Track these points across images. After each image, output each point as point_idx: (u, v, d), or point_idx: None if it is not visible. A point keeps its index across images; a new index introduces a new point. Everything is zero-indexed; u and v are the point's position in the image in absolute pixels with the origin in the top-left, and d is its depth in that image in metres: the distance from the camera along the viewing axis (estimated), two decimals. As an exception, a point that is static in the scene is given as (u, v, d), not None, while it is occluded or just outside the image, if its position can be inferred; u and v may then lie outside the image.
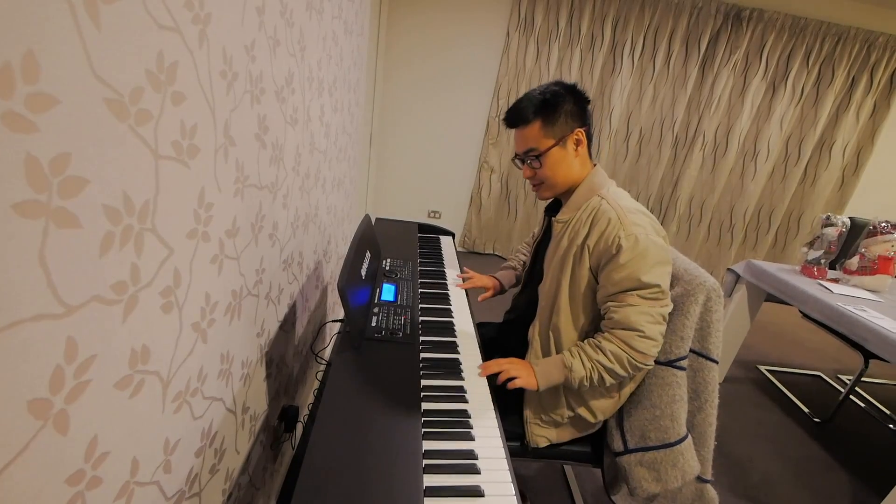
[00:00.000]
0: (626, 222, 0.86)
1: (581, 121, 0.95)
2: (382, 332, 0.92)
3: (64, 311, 0.37)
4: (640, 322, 0.85)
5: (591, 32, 3.09)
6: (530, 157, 0.97)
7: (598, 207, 0.92)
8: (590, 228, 0.91)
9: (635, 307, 0.86)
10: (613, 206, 0.90)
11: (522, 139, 0.97)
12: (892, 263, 1.86)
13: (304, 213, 1.15)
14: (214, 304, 0.66)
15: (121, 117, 0.40)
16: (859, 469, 1.81)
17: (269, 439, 1.06)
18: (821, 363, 2.71)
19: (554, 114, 0.93)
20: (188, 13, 0.49)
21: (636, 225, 0.86)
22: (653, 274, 0.85)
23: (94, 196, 0.38)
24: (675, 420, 0.95)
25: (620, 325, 0.87)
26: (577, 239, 0.92)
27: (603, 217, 0.89)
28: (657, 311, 0.87)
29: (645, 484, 0.97)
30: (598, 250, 0.89)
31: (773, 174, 3.48)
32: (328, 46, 1.20)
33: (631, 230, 0.85)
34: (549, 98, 0.93)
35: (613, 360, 0.87)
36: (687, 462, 0.96)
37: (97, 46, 0.37)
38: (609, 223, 0.88)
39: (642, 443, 0.98)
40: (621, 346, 0.87)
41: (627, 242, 0.84)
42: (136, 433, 0.49)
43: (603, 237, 0.88)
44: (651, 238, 0.86)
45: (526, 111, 0.94)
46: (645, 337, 0.86)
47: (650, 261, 0.85)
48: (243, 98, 0.68)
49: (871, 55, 3.10)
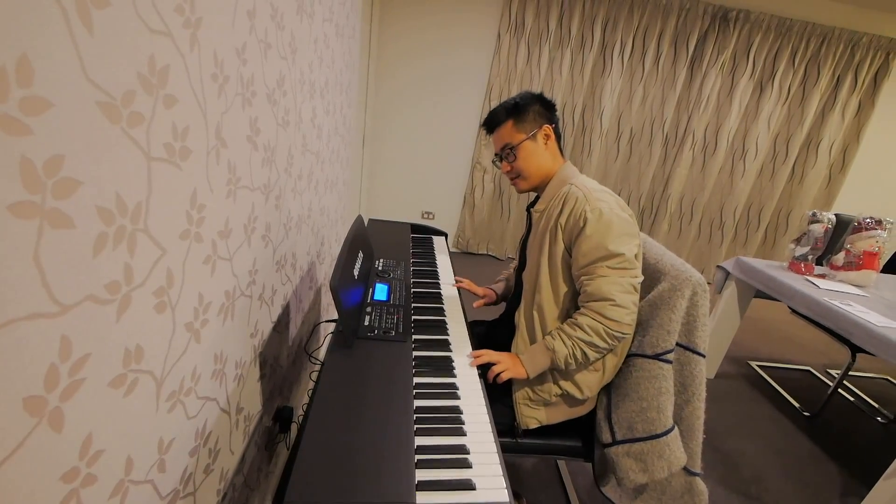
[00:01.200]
0: (591, 198, 0.95)
1: (549, 119, 1.06)
2: (375, 331, 0.93)
3: (58, 310, 0.37)
4: (611, 291, 0.91)
5: (581, 34, 3.13)
6: (506, 152, 1.07)
7: (568, 192, 1.00)
8: (561, 209, 0.99)
9: (605, 278, 0.92)
10: (581, 188, 0.98)
11: (499, 139, 1.08)
12: (876, 259, 1.90)
13: (296, 214, 1.16)
14: (208, 305, 0.67)
15: (113, 120, 0.41)
16: (848, 461, 1.84)
17: (263, 440, 1.06)
18: (810, 358, 2.75)
19: (523, 114, 1.05)
20: (179, 17, 0.50)
21: (600, 201, 0.95)
22: (618, 243, 0.91)
23: (87, 197, 0.39)
24: (662, 412, 0.97)
25: (593, 297, 0.92)
26: (551, 221, 1.00)
27: (571, 197, 0.98)
28: (627, 281, 0.92)
29: (632, 475, 0.99)
30: (568, 227, 0.96)
31: (762, 172, 3.53)
32: (319, 49, 1.21)
33: (595, 205, 0.93)
34: (518, 101, 1.05)
35: (592, 333, 0.92)
36: (673, 453, 0.98)
37: (89, 50, 0.37)
38: (577, 201, 0.96)
39: (630, 434, 1.00)
40: (596, 317, 0.92)
41: (592, 215, 0.92)
42: (131, 432, 0.50)
43: (572, 214, 0.96)
44: (615, 211, 0.94)
45: (499, 114, 1.07)
46: (617, 305, 0.91)
47: (615, 231, 0.92)
48: (235, 100, 0.68)
49: (855, 55, 3.16)
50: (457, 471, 0.66)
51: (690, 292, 0.94)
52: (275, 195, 0.95)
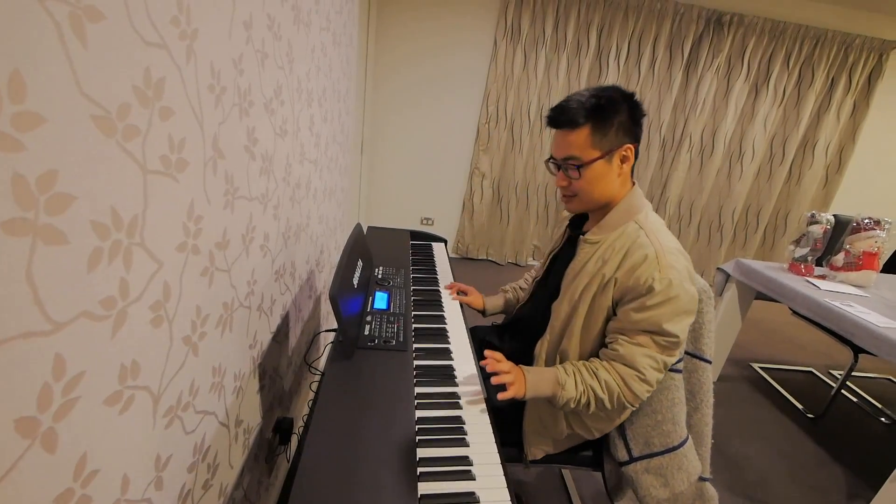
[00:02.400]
0: (663, 263, 0.80)
1: (632, 136, 0.86)
2: (375, 340, 0.92)
3: (51, 327, 0.37)
4: (643, 364, 0.82)
5: (577, 39, 3.14)
6: (569, 166, 0.87)
7: (636, 239, 0.84)
8: (622, 259, 0.84)
9: (644, 349, 0.82)
10: (653, 241, 0.83)
11: (565, 144, 0.86)
12: (876, 259, 1.90)
13: (295, 223, 1.15)
14: (205, 317, 0.66)
15: (108, 133, 0.41)
16: (853, 463, 1.83)
17: (263, 452, 1.05)
18: (812, 359, 2.74)
19: (606, 122, 0.83)
20: (175, 29, 0.50)
21: (672, 268, 0.80)
22: (675, 323, 0.81)
23: (81, 212, 0.38)
24: (677, 423, 0.96)
25: (622, 361, 0.84)
26: (606, 268, 0.86)
27: (639, 251, 0.82)
28: (662, 359, 0.83)
29: (654, 491, 0.96)
30: (625, 285, 0.83)
31: (759, 174, 3.53)
32: (317, 58, 1.21)
33: (667, 273, 0.79)
34: (604, 104, 0.82)
35: (605, 391, 0.84)
36: (691, 463, 0.97)
37: (84, 64, 0.37)
38: (645, 259, 0.81)
39: (647, 450, 0.97)
40: (617, 380, 0.84)
41: (660, 285, 0.79)
42: (127, 450, 0.49)
43: (635, 273, 0.81)
44: (684, 285, 0.80)
45: (576, 113, 0.83)
46: (643, 380, 0.83)
47: (677, 309, 0.80)
48: (232, 111, 0.68)
49: (848, 56, 3.17)
50: (460, 483, 0.65)
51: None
52: (273, 205, 0.94)
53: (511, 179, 3.48)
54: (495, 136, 3.35)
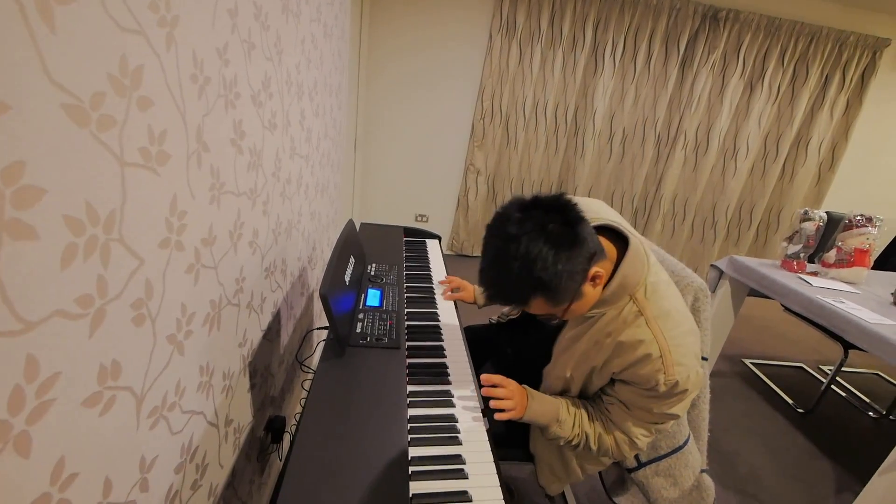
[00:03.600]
0: (668, 361, 0.70)
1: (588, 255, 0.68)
2: (368, 338, 0.91)
3: (22, 327, 0.35)
4: (636, 434, 0.81)
5: (573, 34, 3.12)
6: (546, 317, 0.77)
7: (634, 328, 0.74)
8: (621, 352, 0.75)
9: (638, 419, 0.80)
10: (656, 334, 0.72)
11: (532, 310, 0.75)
12: (867, 256, 1.90)
13: (286, 219, 1.13)
14: (191, 315, 0.64)
15: (81, 123, 0.39)
16: (842, 457, 1.85)
17: (255, 452, 1.03)
18: (803, 355, 2.77)
19: (550, 289, 0.67)
20: (153, 15, 0.48)
21: (680, 365, 0.71)
22: (678, 409, 0.77)
23: (52, 206, 0.37)
24: (681, 424, 0.97)
25: (615, 424, 0.82)
26: (600, 356, 0.78)
27: (640, 347, 0.72)
28: (656, 428, 0.83)
29: (665, 492, 0.97)
30: (624, 378, 0.77)
31: (753, 171, 3.54)
32: (307, 50, 1.18)
33: (673, 373, 0.70)
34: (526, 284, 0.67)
35: (596, 443, 0.83)
36: (695, 458, 0.98)
37: (52, 50, 0.35)
38: (648, 360, 0.72)
39: (655, 453, 0.97)
40: (610, 439, 0.83)
41: (665, 387, 0.72)
42: (108, 452, 0.47)
43: (637, 373, 0.74)
44: (692, 378, 0.72)
45: (515, 298, 0.72)
46: (635, 447, 0.83)
47: (679, 400, 0.76)
48: (217, 102, 0.66)
49: (842, 54, 3.18)
50: (452, 482, 0.64)
51: (692, 298, 0.93)
52: (262, 200, 0.92)
53: (506, 176, 3.47)
54: (490, 132, 3.33)
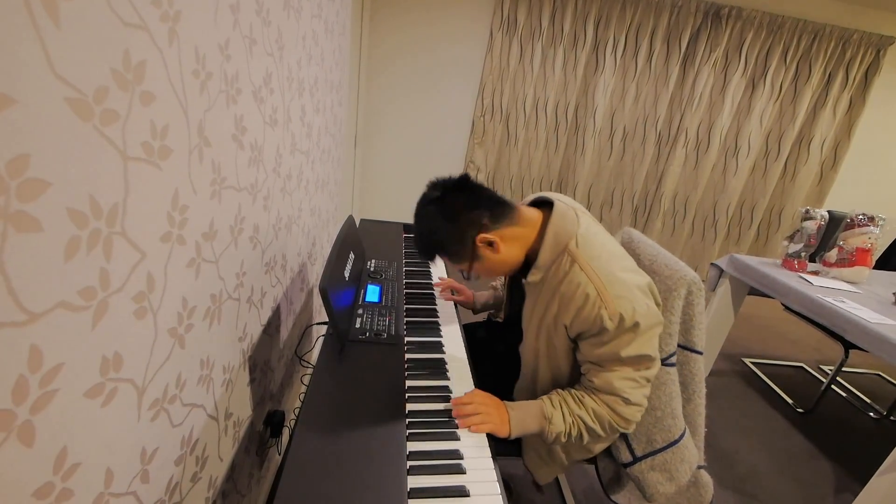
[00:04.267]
0: (606, 297, 0.75)
1: (476, 226, 0.82)
2: (367, 333, 0.91)
3: (26, 318, 0.35)
4: (622, 388, 0.80)
5: (574, 31, 3.12)
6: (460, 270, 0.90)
7: (569, 275, 0.79)
8: (564, 303, 0.80)
9: (617, 373, 0.80)
10: (590, 276, 0.77)
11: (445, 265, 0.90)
12: (869, 255, 1.90)
13: (286, 214, 1.14)
14: (192, 309, 0.65)
15: (85, 117, 0.39)
16: (842, 457, 1.85)
17: (254, 445, 1.04)
18: (803, 354, 2.77)
19: (445, 250, 0.85)
20: (156, 10, 0.48)
21: (619, 297, 0.75)
22: (639, 346, 0.78)
23: (56, 199, 0.37)
24: (676, 417, 0.96)
25: (602, 390, 0.82)
26: (549, 312, 0.84)
27: (577, 291, 0.77)
28: (642, 375, 0.81)
29: (661, 487, 0.96)
30: (577, 328, 0.80)
31: (754, 170, 3.54)
32: (308, 46, 1.18)
33: (614, 307, 0.75)
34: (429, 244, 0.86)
35: (595, 420, 0.82)
36: (691, 454, 0.97)
37: (57, 44, 0.35)
38: (587, 300, 0.76)
39: (650, 447, 0.97)
40: (604, 407, 0.82)
41: (612, 323, 0.75)
42: (110, 443, 0.48)
43: (581, 316, 0.78)
44: (638, 310, 0.76)
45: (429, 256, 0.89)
46: (630, 403, 0.81)
47: (637, 335, 0.77)
48: (218, 98, 0.66)
49: (846, 52, 3.17)
50: (450, 476, 0.64)
51: (686, 291, 0.93)
52: (263, 195, 0.93)
53: (506, 173, 3.46)
54: (490, 129, 3.32)
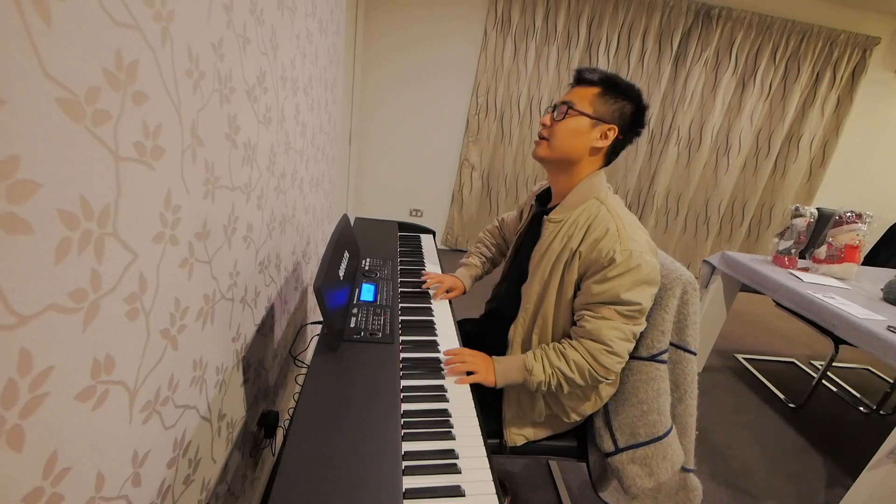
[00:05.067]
0: (623, 236, 0.84)
1: (624, 127, 0.91)
2: (362, 332, 0.91)
3: (16, 321, 0.35)
4: (610, 337, 0.85)
5: (567, 30, 3.13)
6: (563, 108, 0.91)
7: (597, 214, 0.89)
8: (585, 233, 0.88)
9: (609, 321, 0.85)
10: (613, 216, 0.87)
11: (571, 93, 0.93)
12: (857, 252, 1.93)
13: (280, 213, 1.13)
14: (185, 310, 0.64)
15: (76, 118, 0.39)
16: (832, 452, 1.88)
17: (248, 446, 1.03)
18: (794, 350, 2.80)
19: (612, 97, 0.89)
20: (148, 10, 0.48)
21: (633, 240, 0.84)
22: (636, 292, 0.84)
23: (47, 200, 0.37)
24: (662, 413, 0.97)
25: (590, 336, 0.87)
26: (571, 243, 0.89)
27: (601, 225, 0.87)
28: (629, 329, 0.87)
29: (639, 480, 0.98)
30: (589, 258, 0.86)
31: (745, 167, 3.57)
32: (302, 45, 1.18)
33: (627, 245, 0.83)
34: (619, 83, 0.89)
35: (574, 370, 0.87)
36: (675, 453, 0.98)
37: (47, 44, 0.35)
38: (607, 233, 0.85)
39: (632, 440, 0.98)
40: (586, 356, 0.87)
41: (621, 257, 0.82)
42: (101, 446, 0.47)
43: (598, 246, 0.85)
44: (645, 257, 0.84)
45: (596, 73, 0.90)
46: (612, 353, 0.86)
47: (638, 278, 0.84)
48: (211, 97, 0.66)
49: (833, 52, 3.21)
50: (445, 476, 0.64)
51: (681, 291, 0.94)
52: (256, 195, 0.92)
53: (500, 171, 3.47)
54: (485, 127, 3.33)
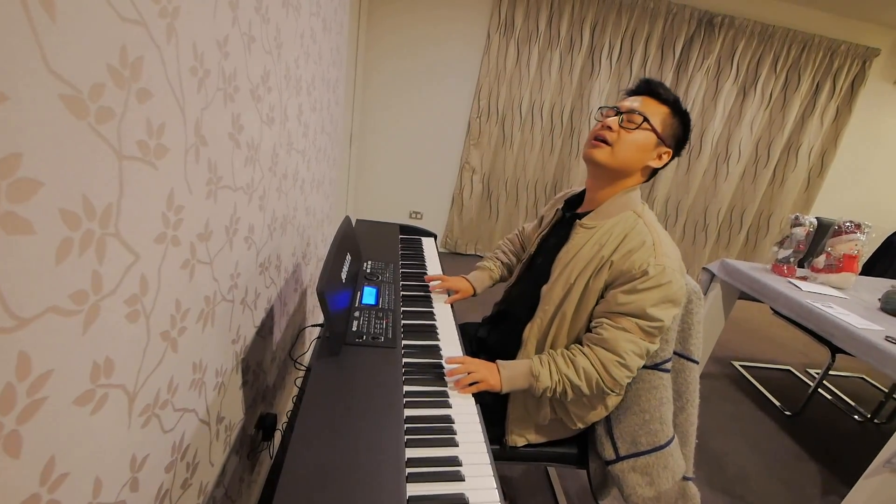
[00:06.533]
0: (659, 251, 0.84)
1: (675, 150, 0.93)
2: (363, 336, 0.90)
3: (15, 324, 0.34)
4: (626, 349, 0.84)
5: (570, 35, 3.13)
6: (633, 116, 0.88)
7: (634, 226, 0.89)
8: (620, 243, 0.87)
9: (628, 333, 0.84)
10: (651, 230, 0.87)
11: (643, 103, 0.89)
12: (855, 261, 1.94)
13: (281, 214, 1.12)
14: (186, 312, 0.63)
15: (79, 115, 0.38)
16: (828, 459, 1.88)
17: (246, 449, 1.02)
18: (791, 358, 2.81)
19: (676, 120, 0.90)
20: (154, 6, 0.47)
21: (667, 257, 0.84)
22: (661, 309, 0.84)
23: (49, 199, 0.36)
24: (664, 422, 0.96)
25: (605, 345, 0.85)
26: (603, 251, 0.89)
27: (637, 237, 0.87)
28: (645, 346, 0.85)
29: (639, 489, 0.97)
30: (620, 268, 0.85)
31: (745, 175, 3.58)
32: (306, 44, 1.17)
33: (662, 260, 0.83)
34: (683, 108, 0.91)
35: (582, 378, 0.86)
36: (676, 462, 0.97)
37: (52, 39, 0.34)
38: (643, 245, 0.85)
39: (634, 448, 0.97)
40: (597, 365, 0.86)
41: (654, 270, 0.82)
42: (99, 451, 0.46)
43: (631, 258, 0.85)
44: (676, 275, 0.84)
45: (668, 92, 0.90)
46: (624, 365, 0.84)
47: (666, 295, 0.83)
48: (216, 96, 0.65)
49: (833, 62, 3.23)
50: (449, 484, 0.63)
51: (686, 300, 0.94)
52: (258, 195, 0.91)
53: (501, 175, 3.47)
54: (486, 130, 3.32)
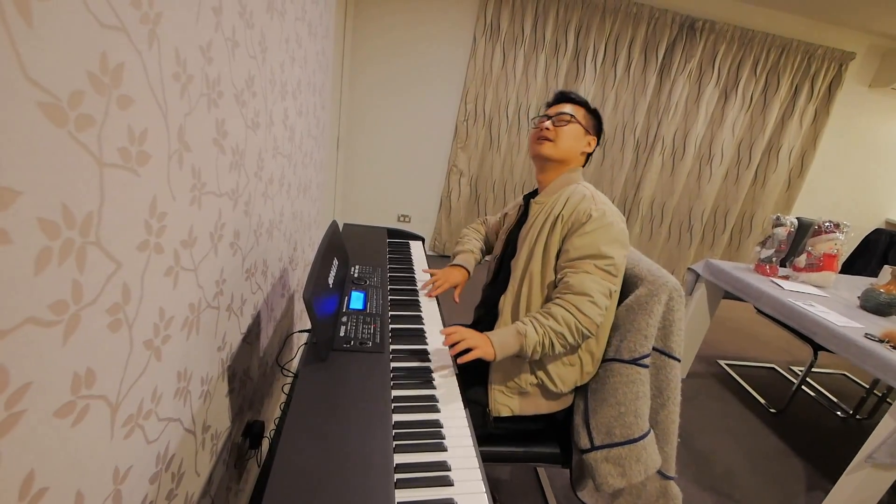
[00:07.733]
0: (597, 199, 1.01)
1: (598, 137, 1.14)
2: (351, 341, 0.90)
3: (-9, 336, 0.33)
4: (592, 288, 0.93)
5: (556, 39, 3.17)
6: (562, 117, 1.09)
7: (575, 189, 1.05)
8: (566, 203, 1.02)
9: (589, 275, 0.94)
10: (588, 189, 1.05)
11: (567, 108, 1.10)
12: (835, 260, 1.99)
13: (267, 219, 1.11)
14: (170, 320, 0.62)
15: (58, 123, 0.37)
16: (812, 455, 1.92)
17: (233, 458, 1.01)
18: (775, 356, 2.86)
19: (591, 114, 1.13)
20: (136, 12, 0.46)
21: (606, 204, 1.00)
22: (612, 247, 0.95)
23: (26, 208, 0.35)
24: (639, 416, 0.98)
25: (573, 290, 0.94)
26: (553, 212, 1.03)
27: (577, 194, 1.03)
28: (607, 285, 0.95)
29: (610, 479, 0.99)
30: (570, 220, 1.00)
31: (727, 177, 3.65)
32: (291, 48, 1.16)
33: (601, 206, 0.98)
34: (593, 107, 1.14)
35: (563, 324, 0.93)
36: (650, 456, 0.99)
37: (29, 46, 0.33)
38: (583, 198, 1.01)
39: (608, 439, 1.00)
40: (571, 309, 0.93)
41: (597, 213, 0.97)
42: (81, 464, 0.45)
43: (576, 210, 0.99)
44: (615, 219, 0.98)
45: (579, 96, 1.13)
46: (594, 303, 0.93)
47: (612, 235, 0.96)
48: (199, 101, 0.64)
49: (811, 66, 3.32)
50: (438, 489, 0.63)
51: (667, 297, 0.95)
52: (244, 200, 0.90)
53: (489, 178, 3.48)
54: (473, 133, 3.34)
